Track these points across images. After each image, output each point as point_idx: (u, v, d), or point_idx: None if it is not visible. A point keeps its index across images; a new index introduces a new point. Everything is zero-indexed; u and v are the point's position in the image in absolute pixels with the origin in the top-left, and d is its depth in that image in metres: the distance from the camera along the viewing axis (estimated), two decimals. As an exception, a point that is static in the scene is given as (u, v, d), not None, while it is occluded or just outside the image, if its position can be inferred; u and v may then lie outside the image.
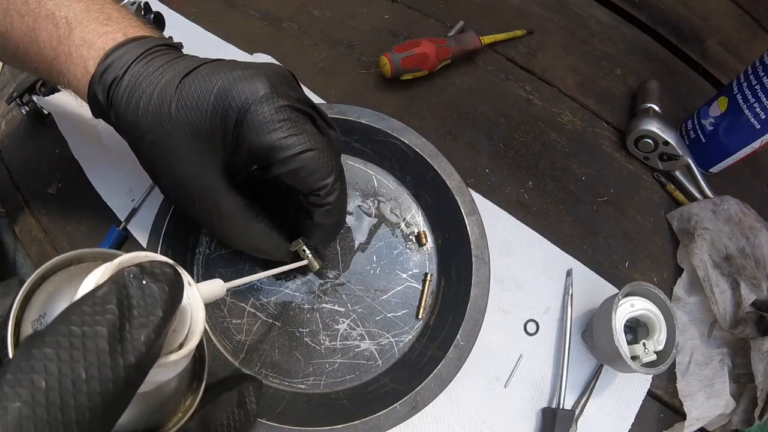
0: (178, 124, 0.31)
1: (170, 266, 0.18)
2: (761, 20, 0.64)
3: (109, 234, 0.44)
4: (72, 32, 0.32)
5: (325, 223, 0.34)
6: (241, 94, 0.30)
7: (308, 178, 0.32)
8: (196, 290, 0.22)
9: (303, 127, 0.31)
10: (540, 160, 0.50)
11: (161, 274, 0.18)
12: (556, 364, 0.41)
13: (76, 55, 0.32)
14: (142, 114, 0.31)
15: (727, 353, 0.42)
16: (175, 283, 0.18)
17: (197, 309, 0.21)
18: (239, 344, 0.40)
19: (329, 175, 0.32)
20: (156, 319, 0.16)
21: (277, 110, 0.30)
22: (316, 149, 0.31)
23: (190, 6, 0.59)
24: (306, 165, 0.31)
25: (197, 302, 0.22)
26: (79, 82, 0.32)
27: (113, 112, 0.32)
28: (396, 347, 0.40)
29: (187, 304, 0.21)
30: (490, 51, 0.56)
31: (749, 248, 0.44)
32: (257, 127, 0.30)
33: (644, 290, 0.39)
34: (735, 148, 0.46)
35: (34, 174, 0.50)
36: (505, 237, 0.45)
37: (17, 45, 0.33)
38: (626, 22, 0.60)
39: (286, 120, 0.30)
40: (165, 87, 0.31)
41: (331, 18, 0.58)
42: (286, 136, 0.30)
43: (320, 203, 0.33)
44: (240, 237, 0.35)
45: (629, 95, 0.54)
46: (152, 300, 0.17)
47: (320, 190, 0.32)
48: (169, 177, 0.33)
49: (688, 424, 0.39)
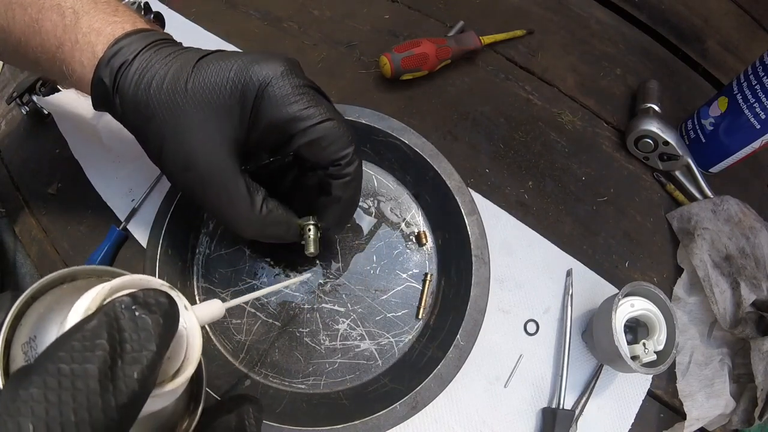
0: (194, 100, 0.31)
1: (165, 295, 0.17)
2: (761, 20, 0.64)
3: (109, 234, 0.44)
4: (79, 21, 0.32)
5: (342, 197, 0.34)
6: (262, 71, 0.31)
7: (329, 148, 0.32)
8: (192, 315, 0.21)
9: (319, 100, 0.32)
10: (540, 160, 0.50)
11: (155, 304, 0.17)
12: (556, 364, 0.41)
13: (84, 42, 0.32)
14: (155, 92, 0.31)
15: (727, 353, 0.42)
16: (169, 314, 0.17)
17: (194, 334, 0.20)
18: (239, 344, 0.40)
19: (349, 144, 0.33)
20: (150, 354, 0.16)
21: (295, 86, 0.31)
22: (336, 119, 0.32)
23: (190, 6, 0.59)
24: (327, 134, 0.32)
25: (194, 327, 0.21)
26: (84, 68, 0.32)
27: (119, 96, 0.32)
28: (396, 347, 0.40)
29: (183, 329, 0.20)
30: (490, 51, 0.56)
31: (749, 248, 0.44)
32: (278, 100, 0.31)
33: (644, 290, 0.39)
34: (735, 148, 0.46)
35: (34, 174, 0.50)
36: (505, 237, 0.45)
37: (18, 38, 0.33)
38: (626, 22, 0.60)
39: (304, 94, 0.31)
40: (180, 68, 0.31)
41: (331, 18, 0.58)
42: (306, 107, 0.31)
43: (340, 174, 0.33)
44: (249, 220, 0.34)
45: (629, 95, 0.54)
46: (146, 333, 0.16)
47: (341, 159, 0.33)
48: (178, 157, 0.32)
49: (688, 424, 0.39)
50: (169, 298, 0.17)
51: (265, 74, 0.31)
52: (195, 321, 0.21)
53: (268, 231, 0.35)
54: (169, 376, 0.19)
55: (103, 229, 0.45)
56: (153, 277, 0.21)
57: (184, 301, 0.21)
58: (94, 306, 0.18)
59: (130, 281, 0.19)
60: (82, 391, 0.14)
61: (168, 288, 0.21)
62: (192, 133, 0.31)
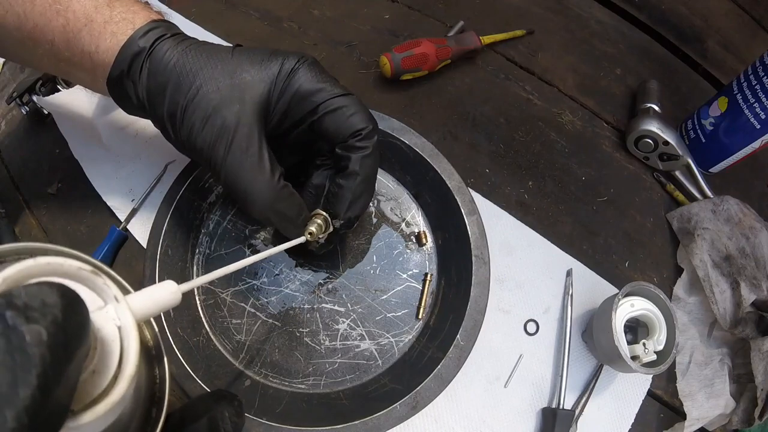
0: (237, 64, 0.33)
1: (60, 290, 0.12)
2: (761, 20, 0.64)
3: (109, 234, 0.44)
4: (113, 3, 0.33)
5: (359, 173, 0.35)
6: (297, 55, 0.35)
7: (351, 118, 0.34)
8: (126, 308, 0.16)
9: (342, 86, 0.35)
10: (540, 160, 0.50)
11: (39, 308, 0.11)
12: (556, 364, 0.41)
13: (119, 18, 0.33)
14: (194, 53, 0.33)
15: (727, 353, 0.42)
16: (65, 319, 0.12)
17: (129, 334, 0.15)
18: (239, 344, 0.40)
19: (370, 119, 0.35)
20: (29, 391, 0.10)
21: (322, 71, 0.35)
22: (356, 96, 0.35)
23: (190, 6, 0.59)
24: (350, 104, 0.34)
25: (129, 325, 0.16)
26: (115, 39, 0.33)
27: (150, 60, 0.33)
28: (396, 347, 0.40)
29: (114, 328, 0.15)
30: (490, 51, 0.56)
31: (749, 248, 0.44)
32: (309, 76, 0.34)
33: (644, 290, 0.39)
34: (735, 148, 0.46)
35: (34, 174, 0.50)
36: (505, 237, 0.45)
37: (36, 22, 0.33)
38: (626, 22, 0.60)
39: (329, 77, 0.35)
40: (220, 47, 0.34)
41: (331, 18, 0.58)
42: (332, 83, 0.35)
43: (360, 146, 0.34)
44: (264, 188, 0.33)
45: (629, 95, 0.55)
46: (23, 357, 0.11)
47: (362, 130, 0.34)
48: (207, 106, 0.32)
49: (688, 424, 0.39)
50: (68, 294, 0.12)
51: (300, 57, 0.35)
52: (129, 316, 0.16)
53: (279, 206, 0.34)
54: (97, 395, 0.14)
55: (103, 229, 0.45)
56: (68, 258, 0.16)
57: (114, 291, 0.16)
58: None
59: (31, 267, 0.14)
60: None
61: (89, 273, 0.16)
62: (229, 92, 0.33)
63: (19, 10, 0.33)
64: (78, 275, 0.16)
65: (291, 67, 0.34)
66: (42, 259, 0.14)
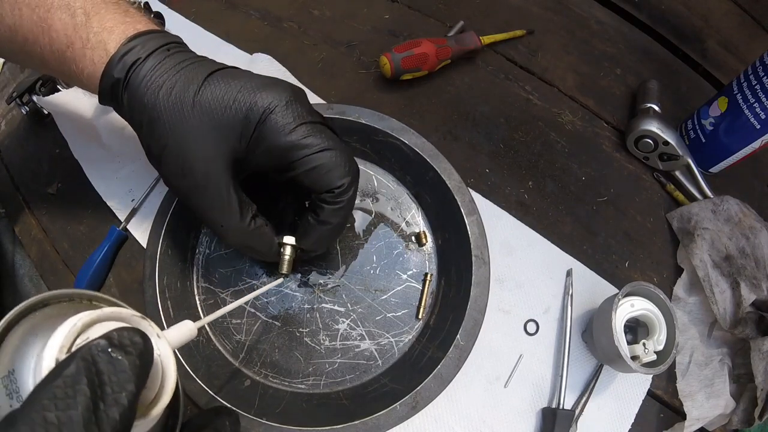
0: (200, 113, 0.32)
1: (139, 334, 0.18)
2: (761, 20, 0.64)
3: (109, 234, 0.44)
4: (90, 20, 0.32)
5: (330, 222, 0.35)
6: (267, 98, 0.32)
7: (326, 176, 0.33)
8: (166, 343, 0.21)
9: (321, 130, 0.34)
10: (540, 160, 0.50)
11: (130, 345, 0.17)
12: (556, 364, 0.41)
13: (96, 40, 0.32)
14: (164, 97, 0.32)
15: (727, 353, 0.42)
16: (145, 352, 0.18)
17: (168, 362, 0.21)
18: (239, 344, 0.40)
19: (347, 174, 0.34)
20: (129, 395, 0.16)
21: (297, 115, 0.33)
22: (335, 149, 0.33)
23: (190, 6, 0.59)
24: (325, 162, 0.33)
25: (167, 355, 0.21)
26: (95, 66, 0.32)
27: (128, 92, 0.32)
28: (396, 347, 0.40)
29: (157, 356, 0.20)
30: (490, 51, 0.56)
31: (749, 248, 0.44)
32: (279, 128, 0.32)
33: (644, 290, 0.39)
34: (735, 148, 0.46)
35: (34, 174, 0.50)
36: (505, 237, 0.45)
37: (26, 37, 0.34)
38: (626, 22, 0.60)
39: (306, 124, 0.33)
40: (191, 78, 0.32)
41: (331, 18, 0.58)
42: (306, 137, 0.33)
43: (333, 201, 0.34)
44: (236, 232, 0.35)
45: (629, 95, 0.54)
46: (124, 375, 0.16)
47: (336, 188, 0.34)
48: (177, 162, 0.33)
49: (688, 424, 0.39)
50: (143, 336, 0.18)
51: (270, 101, 0.32)
52: (168, 349, 0.21)
53: (251, 243, 0.36)
54: (146, 405, 0.19)
55: (103, 229, 0.45)
56: (124, 308, 0.21)
57: (156, 330, 0.21)
58: (67, 343, 0.18)
59: (101, 315, 0.19)
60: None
61: (139, 318, 0.21)
62: (194, 142, 0.32)
63: (9, 22, 0.33)
64: (131, 320, 0.21)
65: (257, 119, 0.32)
66: (107, 309, 0.20)
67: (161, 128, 0.32)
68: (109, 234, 0.44)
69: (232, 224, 0.35)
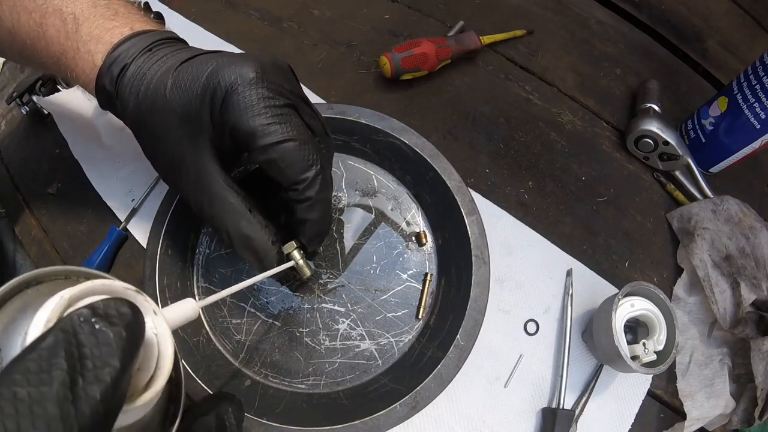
0: (171, 105, 0.31)
1: (127, 304, 0.16)
2: (761, 20, 0.64)
3: (109, 234, 0.44)
4: (79, 28, 0.32)
5: (309, 219, 0.33)
6: (230, 75, 0.29)
7: (287, 170, 0.31)
8: (162, 319, 0.20)
9: (287, 116, 0.31)
10: (540, 160, 0.50)
11: (117, 315, 0.15)
12: (556, 364, 0.41)
13: (84, 51, 0.32)
14: (142, 98, 0.31)
15: (727, 353, 0.42)
16: (133, 324, 0.16)
17: (165, 340, 0.19)
18: (239, 344, 0.40)
19: (309, 168, 0.31)
20: (113, 371, 0.14)
21: (263, 97, 0.30)
22: (298, 140, 0.30)
23: (190, 6, 0.59)
24: (285, 156, 0.30)
25: (164, 333, 0.19)
26: (87, 76, 0.33)
27: (119, 101, 0.32)
28: (396, 347, 0.40)
29: (152, 335, 0.19)
30: (490, 51, 0.56)
31: (749, 248, 0.44)
32: (241, 110, 0.29)
33: (644, 290, 0.39)
34: (735, 148, 0.46)
35: (34, 174, 0.50)
36: (505, 237, 0.45)
37: (24, 41, 0.34)
38: (626, 22, 0.60)
39: (270, 107, 0.30)
40: (164, 72, 0.31)
41: (331, 18, 0.58)
42: (269, 123, 0.30)
43: (299, 198, 0.32)
44: (231, 225, 0.33)
45: (629, 95, 0.54)
46: (107, 348, 0.15)
47: (299, 183, 0.31)
48: (165, 159, 0.33)
49: (688, 424, 0.39)
50: (132, 307, 0.16)
51: (233, 80, 0.29)
52: (166, 326, 0.20)
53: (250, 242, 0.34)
54: (140, 388, 0.18)
55: (103, 229, 0.45)
56: (116, 281, 0.19)
57: (152, 306, 0.20)
58: (54, 317, 0.16)
59: (90, 288, 0.18)
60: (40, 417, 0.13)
61: (134, 292, 0.20)
62: (173, 141, 0.32)
63: (8, 25, 0.34)
64: (125, 294, 0.19)
65: (220, 100, 0.30)
66: (98, 281, 0.18)
67: (145, 132, 0.32)
68: (109, 234, 0.44)
69: (226, 218, 0.33)
